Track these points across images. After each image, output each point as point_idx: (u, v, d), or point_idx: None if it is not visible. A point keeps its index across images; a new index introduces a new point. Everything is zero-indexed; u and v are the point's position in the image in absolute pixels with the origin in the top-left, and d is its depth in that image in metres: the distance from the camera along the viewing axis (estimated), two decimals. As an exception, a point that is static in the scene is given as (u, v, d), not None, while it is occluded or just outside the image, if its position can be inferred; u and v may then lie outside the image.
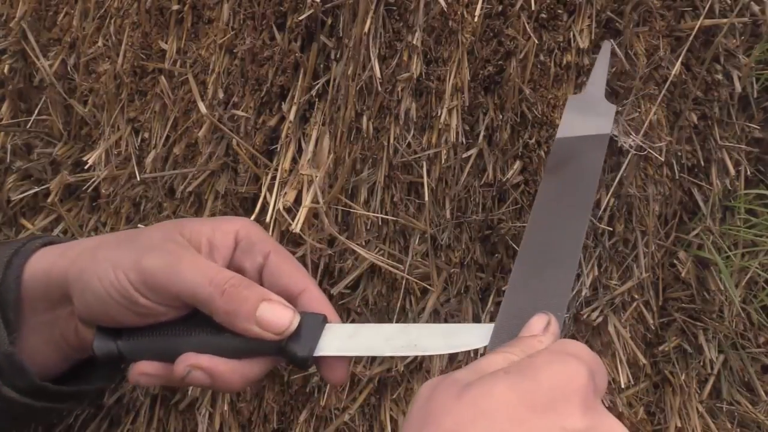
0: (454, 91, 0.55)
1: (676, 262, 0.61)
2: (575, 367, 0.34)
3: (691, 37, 0.56)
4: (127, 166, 0.60)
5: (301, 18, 0.54)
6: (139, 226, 0.60)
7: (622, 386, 0.58)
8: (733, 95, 0.59)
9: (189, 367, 0.44)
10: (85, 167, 0.61)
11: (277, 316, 0.43)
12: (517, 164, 0.56)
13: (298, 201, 0.55)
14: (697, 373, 0.62)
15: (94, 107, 0.61)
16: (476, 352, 0.55)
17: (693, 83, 0.57)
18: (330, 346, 0.44)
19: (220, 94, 0.57)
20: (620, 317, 0.59)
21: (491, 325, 0.42)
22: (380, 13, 0.53)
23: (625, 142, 0.55)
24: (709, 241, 0.60)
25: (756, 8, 0.57)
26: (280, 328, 0.43)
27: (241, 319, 0.43)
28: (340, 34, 0.54)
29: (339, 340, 0.44)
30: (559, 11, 0.55)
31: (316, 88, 0.56)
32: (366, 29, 0.52)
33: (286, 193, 0.55)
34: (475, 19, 0.54)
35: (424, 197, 0.55)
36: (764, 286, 0.61)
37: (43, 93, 0.63)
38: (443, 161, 0.55)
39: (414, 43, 0.53)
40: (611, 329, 0.58)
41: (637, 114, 0.56)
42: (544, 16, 0.55)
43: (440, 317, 0.58)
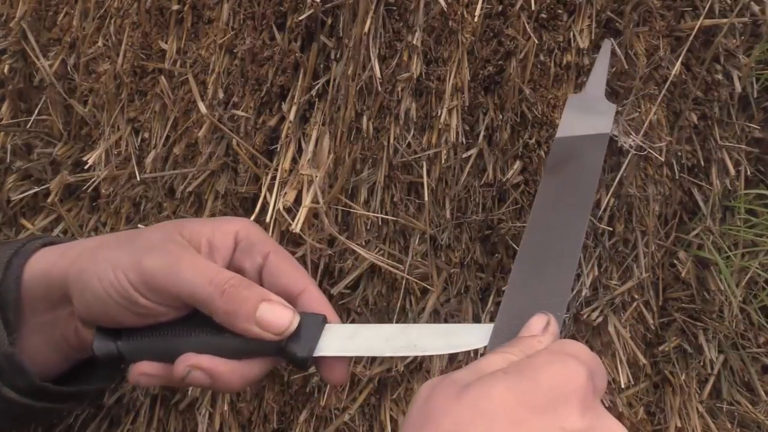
0: (454, 91, 0.55)
1: (676, 262, 0.61)
2: (574, 368, 0.34)
3: (691, 37, 0.56)
4: (127, 166, 0.60)
5: (301, 18, 0.54)
6: (139, 226, 0.60)
7: (622, 386, 0.58)
8: (733, 95, 0.59)
9: (189, 368, 0.44)
10: (85, 167, 0.61)
11: (277, 317, 0.43)
12: (517, 164, 0.56)
13: (298, 201, 0.55)
14: (697, 373, 0.62)
15: (94, 107, 0.61)
16: (476, 352, 0.55)
17: (693, 83, 0.57)
18: (330, 347, 0.44)
19: (220, 94, 0.57)
20: (620, 317, 0.59)
21: (491, 325, 0.42)
22: (380, 13, 0.53)
23: (625, 142, 0.55)
24: (709, 241, 0.60)
25: (756, 8, 0.57)
26: (280, 329, 0.43)
27: (241, 320, 0.43)
28: (340, 34, 0.54)
29: (339, 341, 0.44)
30: (559, 11, 0.55)
31: (316, 88, 0.56)
32: (366, 29, 0.52)
33: (286, 193, 0.55)
34: (475, 19, 0.54)
35: (424, 197, 0.55)
36: (764, 286, 0.61)
37: (43, 93, 0.63)
38: (443, 161, 0.55)
39: (414, 43, 0.53)
40: (611, 329, 0.58)
41: (637, 114, 0.56)
42: (544, 16, 0.55)
43: (440, 317, 0.58)
